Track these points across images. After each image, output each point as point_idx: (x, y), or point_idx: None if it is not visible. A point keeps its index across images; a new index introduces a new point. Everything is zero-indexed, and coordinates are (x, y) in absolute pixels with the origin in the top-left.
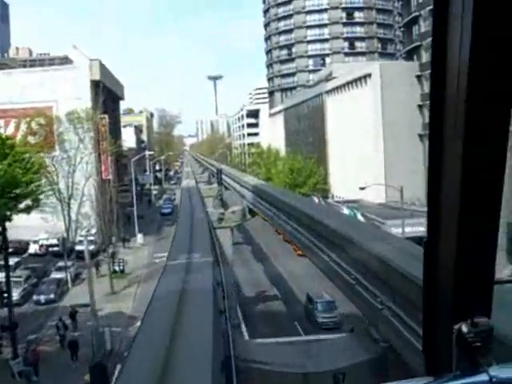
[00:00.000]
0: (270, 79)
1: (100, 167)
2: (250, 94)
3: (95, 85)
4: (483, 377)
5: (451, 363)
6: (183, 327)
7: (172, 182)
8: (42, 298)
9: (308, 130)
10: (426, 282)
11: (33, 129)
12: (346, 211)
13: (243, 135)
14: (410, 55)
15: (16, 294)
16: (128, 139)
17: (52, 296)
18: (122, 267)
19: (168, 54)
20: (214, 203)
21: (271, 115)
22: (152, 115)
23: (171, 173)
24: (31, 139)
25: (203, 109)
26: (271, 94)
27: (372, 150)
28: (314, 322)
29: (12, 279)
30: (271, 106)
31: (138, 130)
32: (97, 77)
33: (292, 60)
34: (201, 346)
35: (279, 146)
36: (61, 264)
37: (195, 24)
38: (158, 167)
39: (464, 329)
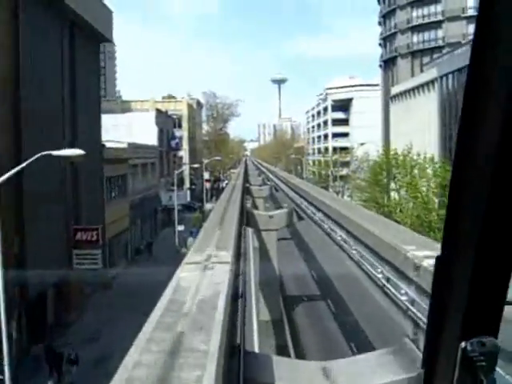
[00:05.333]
0: (385, 39)
1: None
2: (321, 94)
3: None
4: None
5: (451, 380)
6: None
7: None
8: None
9: None
10: (434, 296)
11: None
12: None
13: (324, 136)
14: None
15: None
16: (149, 134)
17: None
18: None
19: (231, 58)
20: None
21: (395, 97)
22: (200, 105)
23: (224, 184)
24: None
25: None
26: (388, 62)
27: None
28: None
29: None
30: (387, 84)
31: (172, 121)
32: None
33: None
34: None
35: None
36: None
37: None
38: (207, 176)
39: (470, 347)
